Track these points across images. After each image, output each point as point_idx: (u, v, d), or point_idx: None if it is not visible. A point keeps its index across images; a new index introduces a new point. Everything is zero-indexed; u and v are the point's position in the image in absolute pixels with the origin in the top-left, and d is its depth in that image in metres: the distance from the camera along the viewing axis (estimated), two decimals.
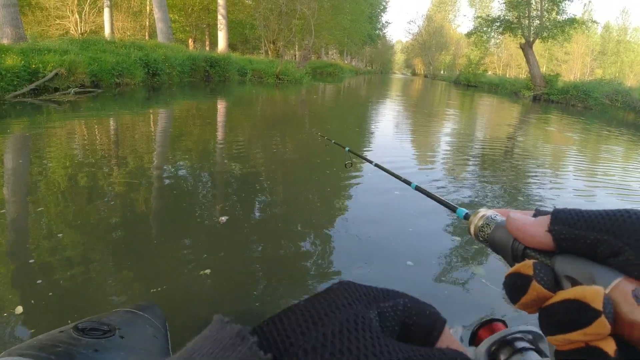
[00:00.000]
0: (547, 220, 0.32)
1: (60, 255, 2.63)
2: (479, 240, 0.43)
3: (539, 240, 0.33)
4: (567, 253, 0.31)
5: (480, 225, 0.42)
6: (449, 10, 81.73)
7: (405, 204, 4.02)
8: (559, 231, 0.31)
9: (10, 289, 2.25)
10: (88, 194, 3.77)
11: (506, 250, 0.37)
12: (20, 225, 3.10)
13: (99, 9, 24.46)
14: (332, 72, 38.34)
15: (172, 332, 1.92)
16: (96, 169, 4.48)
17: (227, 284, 2.43)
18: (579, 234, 0.30)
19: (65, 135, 6.22)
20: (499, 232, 0.39)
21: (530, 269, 0.30)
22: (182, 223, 3.26)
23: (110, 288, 2.30)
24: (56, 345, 0.84)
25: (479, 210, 0.44)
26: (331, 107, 14.15)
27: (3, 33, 12.21)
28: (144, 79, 14.90)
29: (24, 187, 3.97)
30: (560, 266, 0.30)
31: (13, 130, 6.48)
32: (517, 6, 28.90)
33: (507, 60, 66.88)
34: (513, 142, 8.43)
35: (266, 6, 29.29)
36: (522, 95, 27.93)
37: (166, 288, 2.31)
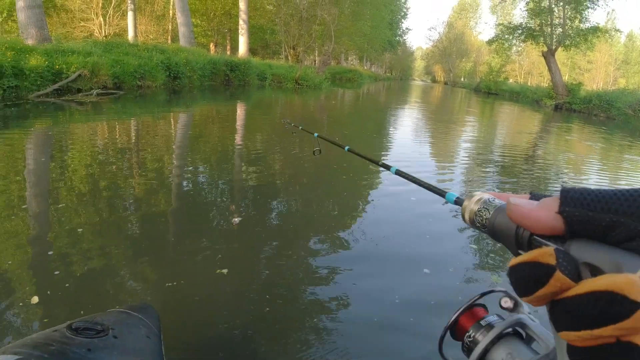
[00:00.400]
0: (555, 202, 0.30)
1: (79, 249, 2.65)
2: (475, 226, 0.40)
3: (548, 225, 0.30)
4: (579, 237, 0.28)
5: (476, 210, 0.39)
6: (470, 17, 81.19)
7: (421, 208, 3.96)
8: (571, 213, 0.28)
9: (28, 280, 2.29)
10: (107, 192, 3.79)
11: (509, 237, 0.34)
12: (42, 219, 3.13)
13: (122, 12, 24.88)
14: (352, 78, 38.36)
15: (176, 330, 1.91)
16: (116, 168, 4.51)
17: (240, 284, 2.41)
18: (593, 216, 0.27)
19: (87, 135, 6.30)
20: (500, 217, 0.36)
21: (553, 257, 0.27)
22: (197, 223, 3.27)
23: (124, 284, 2.31)
24: (49, 344, 0.84)
25: (474, 194, 0.41)
26: (350, 113, 14.12)
27: (28, 34, 12.45)
28: (165, 82, 15.08)
29: (46, 183, 4.02)
30: (577, 252, 0.28)
31: (36, 128, 6.60)
32: (540, 14, 28.53)
33: (529, 68, 66.14)
34: (533, 151, 8.28)
35: (287, 12, 29.50)
36: (544, 104, 27.52)
37: (177, 286, 2.30)
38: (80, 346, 0.87)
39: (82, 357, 0.84)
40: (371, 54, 55.96)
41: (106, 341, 0.93)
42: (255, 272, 2.59)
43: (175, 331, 1.95)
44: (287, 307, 2.24)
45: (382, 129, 10.36)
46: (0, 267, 2.38)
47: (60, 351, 0.83)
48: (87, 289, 2.24)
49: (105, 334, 0.95)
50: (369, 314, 2.22)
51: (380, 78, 62.31)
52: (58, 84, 10.62)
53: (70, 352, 0.84)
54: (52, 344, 0.84)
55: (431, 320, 2.21)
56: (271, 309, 2.18)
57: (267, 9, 32.73)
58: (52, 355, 0.81)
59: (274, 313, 2.16)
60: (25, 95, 9.66)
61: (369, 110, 15.79)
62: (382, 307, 2.30)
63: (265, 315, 2.13)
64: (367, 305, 2.32)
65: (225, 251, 2.77)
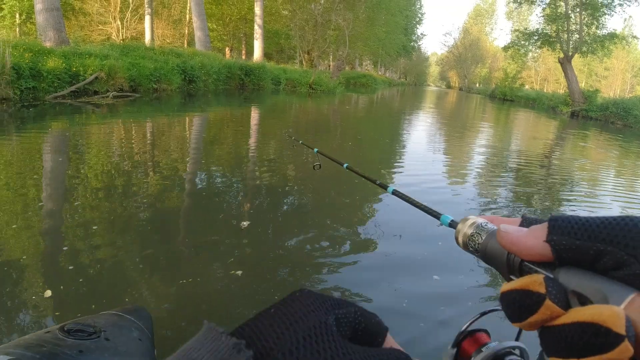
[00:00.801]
0: (543, 230, 0.30)
1: (92, 245, 2.69)
2: (468, 250, 0.40)
3: (537, 252, 0.30)
4: (568, 265, 0.29)
5: (470, 234, 0.40)
6: (485, 23, 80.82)
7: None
8: (559, 241, 0.29)
9: (42, 274, 2.33)
10: (121, 191, 3.81)
11: (501, 262, 0.35)
12: (57, 215, 3.17)
13: (140, 16, 25.18)
14: (366, 83, 38.33)
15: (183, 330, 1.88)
16: (131, 169, 4.54)
17: (251, 286, 2.39)
18: (580, 245, 0.28)
19: (103, 136, 6.36)
20: (492, 242, 0.37)
21: (542, 286, 0.27)
22: (207, 224, 3.27)
23: (134, 281, 2.31)
24: (42, 344, 0.85)
25: (468, 218, 0.41)
26: (363, 118, 14.08)
27: (46, 36, 12.63)
28: (181, 86, 15.20)
29: (62, 181, 4.06)
30: (566, 280, 0.28)
31: (53, 129, 6.68)
32: (556, 20, 28.27)
33: (545, 75, 65.53)
34: (549, 160, 8.15)
35: (302, 17, 29.64)
36: (560, 111, 27.21)
37: (188, 285, 2.29)
38: (72, 348, 0.88)
39: (74, 358, 0.85)
40: (385, 59, 55.99)
41: (98, 343, 0.94)
42: (263, 275, 2.57)
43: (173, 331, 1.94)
44: None
45: (396, 135, 10.31)
46: (16, 261, 2.42)
47: (52, 352, 0.83)
48: (99, 284, 2.26)
49: (97, 336, 0.95)
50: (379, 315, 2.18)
51: (395, 83, 62.17)
52: (75, 86, 10.75)
53: (62, 353, 0.85)
54: (44, 345, 0.85)
55: (441, 326, 2.18)
56: None
57: (283, 14, 32.92)
58: (43, 356, 0.81)
59: None
60: (42, 96, 9.80)
61: (383, 116, 15.74)
62: (391, 313, 2.27)
63: None
64: (375, 310, 2.29)
65: (232, 253, 2.75)
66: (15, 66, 9.17)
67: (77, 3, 25.22)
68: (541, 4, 30.20)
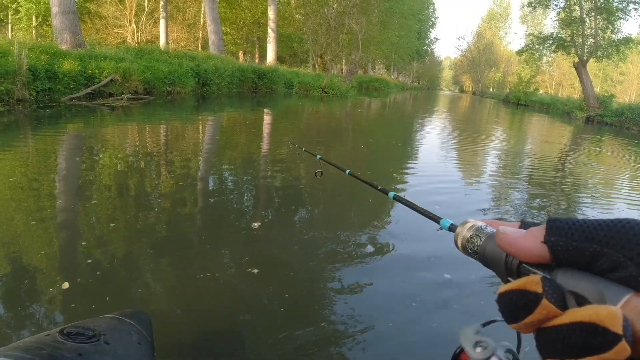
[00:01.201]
0: (541, 232, 0.30)
1: (109, 242, 2.75)
2: (467, 253, 0.41)
3: (535, 254, 0.30)
4: (566, 266, 0.29)
5: (469, 237, 0.40)
6: (499, 27, 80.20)
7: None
8: (556, 243, 0.29)
9: (61, 267, 2.41)
10: (137, 191, 3.83)
11: (499, 264, 0.35)
12: (76, 213, 3.22)
13: (155, 19, 25.43)
14: (378, 87, 38.26)
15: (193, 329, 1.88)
16: (145, 170, 4.58)
17: (263, 288, 2.38)
18: (577, 246, 0.28)
19: (118, 137, 6.42)
20: (490, 244, 0.37)
21: (539, 285, 0.27)
22: (218, 224, 3.29)
23: (147, 278, 2.33)
24: (41, 347, 0.85)
25: (467, 221, 0.42)
26: (375, 122, 14.06)
27: (62, 39, 12.78)
28: (194, 88, 15.30)
29: (81, 180, 4.10)
30: (563, 281, 0.28)
31: (69, 130, 6.75)
32: (571, 24, 27.94)
33: (560, 79, 64.87)
34: (563, 165, 8.04)
35: (315, 21, 29.69)
36: (575, 116, 26.88)
37: (201, 285, 2.29)
38: (72, 351, 0.88)
39: None
40: (398, 63, 55.81)
41: (97, 347, 0.94)
42: (277, 275, 2.56)
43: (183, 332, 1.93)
44: (296, 310, 2.21)
45: (408, 138, 10.27)
46: (36, 254, 2.50)
47: (51, 355, 0.84)
48: (114, 279, 2.30)
49: (96, 340, 0.95)
50: (387, 317, 2.17)
51: (408, 87, 61.94)
52: (90, 88, 10.87)
53: (61, 356, 0.85)
54: (43, 348, 0.85)
55: (452, 324, 2.16)
56: (285, 313, 2.15)
57: (296, 18, 33.03)
58: (43, 359, 0.81)
59: (288, 316, 2.13)
60: (58, 98, 9.93)
61: (395, 120, 15.70)
62: (401, 311, 2.26)
63: (279, 317, 2.10)
64: (385, 307, 2.28)
65: (245, 252, 2.75)
66: (32, 68, 9.30)
67: (93, 6, 25.56)
68: (556, 8, 29.92)
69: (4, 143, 5.49)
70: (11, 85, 8.82)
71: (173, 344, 1.84)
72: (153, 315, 1.98)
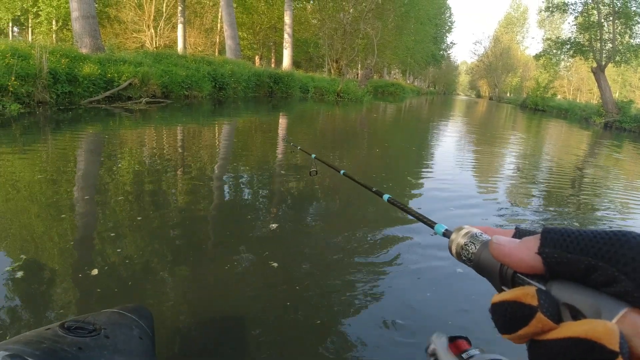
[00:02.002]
0: (535, 242, 0.30)
1: (136, 234, 2.87)
2: (461, 260, 0.40)
3: (529, 264, 0.30)
4: (561, 278, 0.28)
5: (463, 244, 0.39)
6: (517, 31, 79.42)
7: (458, 210, 3.84)
8: (550, 254, 0.28)
9: (91, 255, 2.56)
10: (153, 190, 3.87)
11: (493, 273, 0.34)
12: (108, 207, 3.29)
13: (173, 25, 25.78)
14: (394, 92, 38.18)
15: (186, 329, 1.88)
16: (162, 171, 4.62)
17: (272, 283, 2.38)
18: (572, 258, 0.27)
19: (136, 140, 6.49)
20: (484, 252, 0.36)
21: (535, 298, 0.27)
22: (235, 225, 3.29)
23: (159, 272, 2.34)
24: (41, 341, 0.86)
25: (462, 227, 0.41)
26: (391, 127, 14.02)
27: (82, 43, 12.99)
28: (211, 93, 15.44)
29: (102, 179, 4.15)
30: (558, 292, 0.28)
31: (89, 132, 6.85)
32: (589, 28, 27.55)
33: (578, 85, 63.98)
34: (580, 173, 7.88)
35: (331, 26, 29.78)
36: (593, 122, 26.44)
37: (216, 285, 2.30)
38: (72, 345, 0.88)
39: (73, 355, 0.85)
40: (414, 68, 55.67)
41: (98, 341, 0.94)
42: (286, 273, 2.56)
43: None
44: (304, 309, 2.20)
45: (423, 143, 10.21)
46: (68, 242, 2.67)
47: (51, 349, 0.84)
48: (125, 274, 2.34)
49: (97, 334, 0.96)
50: (396, 312, 2.15)
51: (423, 92, 61.67)
52: (109, 92, 11.03)
53: (61, 350, 0.85)
54: (43, 342, 0.85)
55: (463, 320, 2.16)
56: (297, 312, 2.15)
57: (312, 23, 33.20)
58: (43, 352, 0.82)
59: (297, 314, 2.12)
60: (78, 100, 10.10)
61: (410, 125, 15.63)
62: (413, 306, 2.25)
63: (283, 312, 2.10)
64: (395, 303, 2.26)
65: (245, 253, 2.75)
66: (52, 71, 9.48)
67: (113, 11, 26.02)
68: (573, 12, 29.57)
69: (25, 143, 5.59)
70: (32, 87, 9.00)
71: (175, 338, 1.84)
72: (160, 309, 2.01)
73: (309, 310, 2.18)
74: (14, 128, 6.75)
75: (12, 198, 3.45)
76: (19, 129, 6.70)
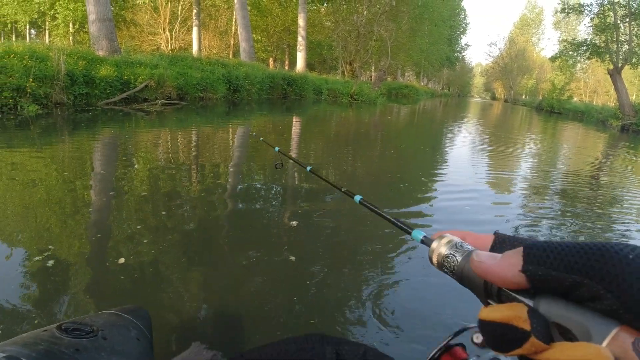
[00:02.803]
0: (518, 259, 0.29)
1: (159, 227, 2.95)
2: (443, 271, 0.38)
3: (512, 282, 0.29)
4: (547, 294, 0.28)
5: (444, 254, 0.38)
6: (532, 32, 78.59)
7: (478, 211, 3.80)
8: (534, 272, 0.28)
9: (118, 245, 2.67)
10: (169, 189, 3.89)
11: (478, 286, 0.33)
12: (110, 208, 3.29)
13: (188, 27, 25.99)
14: (407, 94, 38.03)
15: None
16: (177, 172, 4.64)
17: (271, 285, 2.37)
18: (556, 276, 0.27)
19: (152, 141, 6.54)
20: (468, 265, 0.35)
21: (527, 323, 0.27)
22: (253, 226, 3.28)
23: (165, 273, 2.34)
24: (38, 343, 0.85)
25: (443, 235, 0.39)
26: (404, 128, 13.96)
27: (99, 45, 13.15)
28: (226, 95, 15.53)
29: (115, 179, 4.18)
30: (546, 310, 0.27)
31: (105, 133, 6.92)
32: (605, 30, 27.17)
33: (594, 87, 63.10)
34: (597, 179, 7.72)
35: (344, 28, 29.82)
36: (610, 125, 26.05)
37: (231, 285, 2.29)
38: (69, 346, 0.87)
39: (70, 357, 0.85)
40: (428, 70, 55.44)
41: (95, 342, 0.93)
42: (286, 278, 2.55)
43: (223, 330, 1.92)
44: (301, 311, 2.18)
45: (437, 145, 10.13)
46: (97, 232, 2.81)
47: (48, 350, 0.83)
48: (165, 260, 2.44)
49: (94, 335, 0.95)
50: (395, 317, 2.12)
51: (437, 94, 61.29)
52: (126, 93, 11.15)
53: (58, 352, 0.84)
54: (40, 344, 0.85)
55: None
56: (288, 310, 2.13)
57: (325, 25, 33.25)
58: (40, 354, 0.81)
59: (288, 311, 2.11)
60: (94, 102, 10.22)
61: (424, 127, 15.53)
62: (413, 311, 2.21)
63: (283, 313, 2.09)
64: (394, 306, 2.23)
65: (247, 252, 2.75)
66: (70, 73, 9.61)
67: (129, 14, 26.37)
68: (589, 13, 29.22)
69: (44, 143, 5.67)
70: (50, 89, 9.12)
71: (172, 340, 1.82)
72: (161, 309, 2.00)
73: (310, 310, 2.16)
74: (32, 128, 6.84)
75: (32, 194, 3.49)
76: (37, 129, 6.79)
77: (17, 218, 2.98)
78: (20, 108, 8.21)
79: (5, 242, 2.58)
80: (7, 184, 3.80)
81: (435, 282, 2.49)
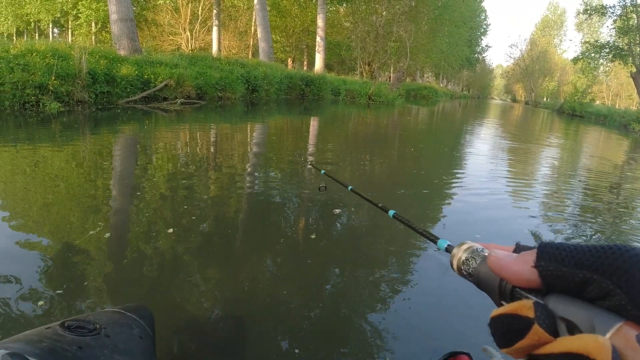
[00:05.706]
0: (532, 256, 0.30)
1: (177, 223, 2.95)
2: (462, 275, 0.41)
3: (525, 278, 0.30)
4: (558, 292, 0.29)
5: (464, 259, 0.40)
6: (554, 34, 77.30)
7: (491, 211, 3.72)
8: (546, 268, 0.29)
9: (167, 215, 3.05)
10: (184, 188, 3.90)
11: (493, 287, 0.35)
12: (150, 199, 3.31)
13: (208, 28, 26.21)
14: (426, 95, 37.74)
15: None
16: (195, 171, 4.66)
17: (276, 286, 2.35)
18: (567, 272, 0.28)
19: (172, 139, 6.58)
20: (484, 267, 0.37)
21: (531, 310, 0.27)
22: (266, 229, 3.27)
23: (168, 271, 2.33)
24: (42, 340, 0.86)
25: (464, 242, 0.42)
26: (423, 129, 13.84)
27: (120, 45, 13.31)
28: (244, 94, 15.60)
29: (134, 176, 4.21)
30: (555, 306, 0.28)
31: (125, 131, 7.00)
32: (628, 32, 26.63)
33: (617, 90, 61.79)
34: (619, 187, 7.48)
35: (363, 29, 29.73)
36: (632, 129, 25.45)
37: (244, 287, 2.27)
38: (72, 344, 0.88)
39: (73, 354, 0.86)
40: (448, 71, 54.99)
41: (98, 340, 0.94)
42: (290, 280, 2.52)
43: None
44: (305, 313, 2.15)
45: (456, 145, 10.01)
46: (151, 205, 3.25)
47: (51, 348, 0.84)
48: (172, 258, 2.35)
49: (97, 333, 0.96)
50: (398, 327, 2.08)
51: (457, 96, 60.66)
52: (146, 92, 11.28)
53: (61, 349, 0.85)
54: (44, 341, 0.86)
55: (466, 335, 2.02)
56: (289, 309, 2.10)
57: (344, 26, 33.20)
58: (43, 351, 0.82)
59: (288, 311, 2.08)
60: (115, 100, 10.36)
61: (443, 128, 15.38)
62: (437, 303, 2.16)
63: (286, 312, 2.05)
64: (396, 318, 2.19)
65: (248, 252, 2.72)
66: (91, 72, 9.74)
67: (150, 14, 26.69)
68: (612, 15, 28.68)
69: (66, 140, 5.75)
70: (71, 87, 9.26)
71: (175, 338, 1.81)
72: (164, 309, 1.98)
73: (322, 315, 2.13)
74: (53, 125, 6.94)
75: (53, 190, 3.52)
76: (59, 126, 6.89)
77: (36, 213, 3.01)
78: (43, 105, 8.34)
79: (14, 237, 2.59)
80: (27, 179, 3.85)
81: (451, 289, 2.44)
